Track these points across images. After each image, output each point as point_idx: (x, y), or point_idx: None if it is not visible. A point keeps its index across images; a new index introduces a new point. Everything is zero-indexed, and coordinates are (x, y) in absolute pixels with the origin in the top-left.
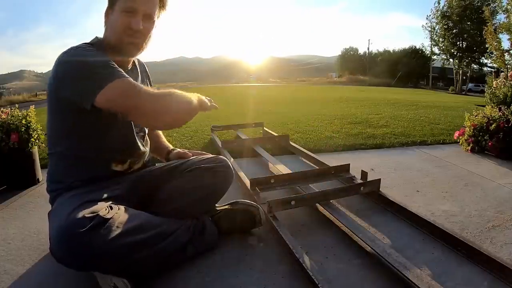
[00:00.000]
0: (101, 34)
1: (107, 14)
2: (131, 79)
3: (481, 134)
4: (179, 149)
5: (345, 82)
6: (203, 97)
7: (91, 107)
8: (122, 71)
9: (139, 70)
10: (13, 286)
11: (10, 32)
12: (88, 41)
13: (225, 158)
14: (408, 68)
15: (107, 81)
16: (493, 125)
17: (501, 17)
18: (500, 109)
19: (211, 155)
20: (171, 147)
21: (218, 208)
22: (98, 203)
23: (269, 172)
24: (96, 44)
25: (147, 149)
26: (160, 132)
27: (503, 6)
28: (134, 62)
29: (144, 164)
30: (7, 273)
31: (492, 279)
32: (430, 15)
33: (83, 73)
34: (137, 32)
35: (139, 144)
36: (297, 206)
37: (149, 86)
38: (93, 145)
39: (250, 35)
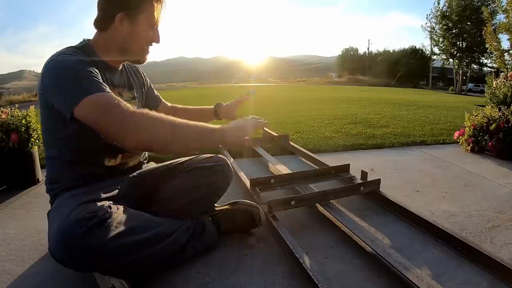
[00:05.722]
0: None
1: (121, 19)
2: (111, 93)
3: (481, 134)
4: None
5: (345, 82)
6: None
7: (71, 119)
8: (103, 83)
9: (126, 67)
10: (13, 286)
11: (10, 31)
12: (76, 43)
13: (224, 157)
14: (408, 68)
15: (84, 94)
16: (493, 125)
17: (500, 17)
18: (500, 109)
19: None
20: (209, 107)
21: (218, 208)
22: (97, 203)
23: (269, 172)
24: (83, 48)
25: None
26: (182, 106)
27: (503, 6)
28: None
29: (140, 161)
30: (7, 273)
31: (492, 279)
32: (429, 15)
33: (64, 84)
34: None
35: None
36: (297, 206)
37: (142, 82)
38: (82, 147)
39: (250, 35)
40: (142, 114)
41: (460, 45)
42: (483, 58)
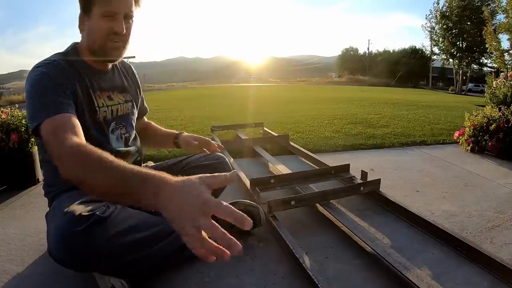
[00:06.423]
0: None
1: (83, 21)
2: (65, 117)
3: (481, 134)
4: (185, 133)
5: (345, 82)
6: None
7: (33, 132)
8: (64, 103)
9: (119, 69)
10: (13, 286)
11: (10, 31)
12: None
13: (222, 155)
14: (408, 68)
15: (42, 116)
16: (493, 125)
17: (500, 17)
18: (500, 109)
19: (214, 143)
20: (175, 132)
21: None
22: (95, 202)
23: (269, 172)
24: (69, 53)
25: (133, 148)
26: (154, 125)
27: (503, 6)
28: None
29: (137, 160)
30: (7, 273)
31: (492, 279)
32: (429, 15)
33: (30, 99)
34: (120, 35)
35: (114, 145)
36: (297, 206)
37: (137, 84)
38: None
39: (250, 35)
40: (76, 149)
41: (460, 45)
42: (483, 58)
